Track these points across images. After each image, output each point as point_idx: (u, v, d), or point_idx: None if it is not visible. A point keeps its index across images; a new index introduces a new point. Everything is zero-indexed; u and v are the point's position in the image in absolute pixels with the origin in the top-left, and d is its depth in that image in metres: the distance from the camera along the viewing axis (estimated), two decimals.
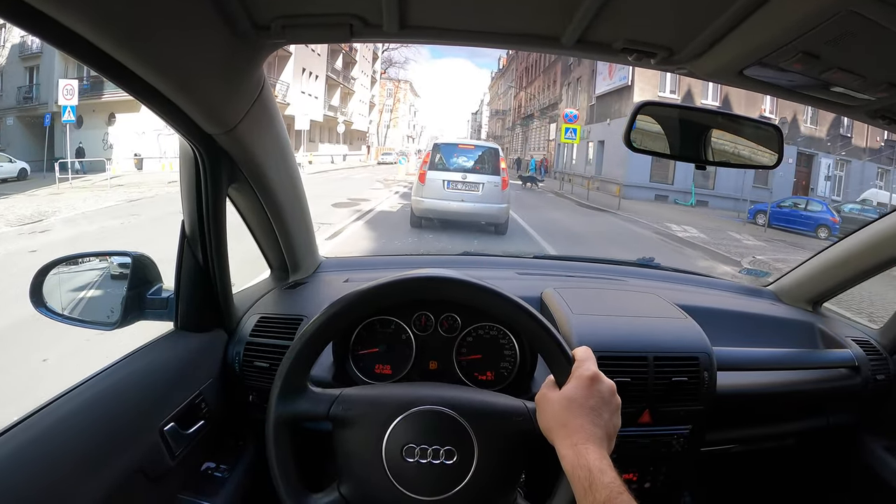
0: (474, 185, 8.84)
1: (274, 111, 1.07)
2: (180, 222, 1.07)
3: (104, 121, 23.21)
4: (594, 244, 10.20)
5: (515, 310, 0.80)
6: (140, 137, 22.30)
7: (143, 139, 22.19)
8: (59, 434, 0.78)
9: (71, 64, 23.20)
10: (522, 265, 1.79)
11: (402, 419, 0.78)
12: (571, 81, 31.11)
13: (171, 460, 0.93)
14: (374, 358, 1.12)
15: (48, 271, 1.07)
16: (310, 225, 1.45)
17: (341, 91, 38.65)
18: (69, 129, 18.59)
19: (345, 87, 39.53)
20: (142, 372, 0.98)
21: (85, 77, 22.68)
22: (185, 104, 0.86)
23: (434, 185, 8.86)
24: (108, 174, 15.70)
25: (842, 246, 1.51)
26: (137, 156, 21.50)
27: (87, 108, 22.72)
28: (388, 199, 14.56)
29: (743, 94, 18.51)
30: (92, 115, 23.08)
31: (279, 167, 1.18)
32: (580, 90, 29.09)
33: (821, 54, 0.70)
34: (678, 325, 1.24)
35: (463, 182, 8.86)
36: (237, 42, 0.82)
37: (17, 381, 3.16)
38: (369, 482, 0.78)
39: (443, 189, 8.81)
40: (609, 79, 23.26)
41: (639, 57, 0.84)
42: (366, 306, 0.83)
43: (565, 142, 20.45)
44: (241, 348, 1.18)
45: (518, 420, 0.79)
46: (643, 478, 1.20)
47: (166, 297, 1.11)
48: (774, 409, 1.38)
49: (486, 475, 0.77)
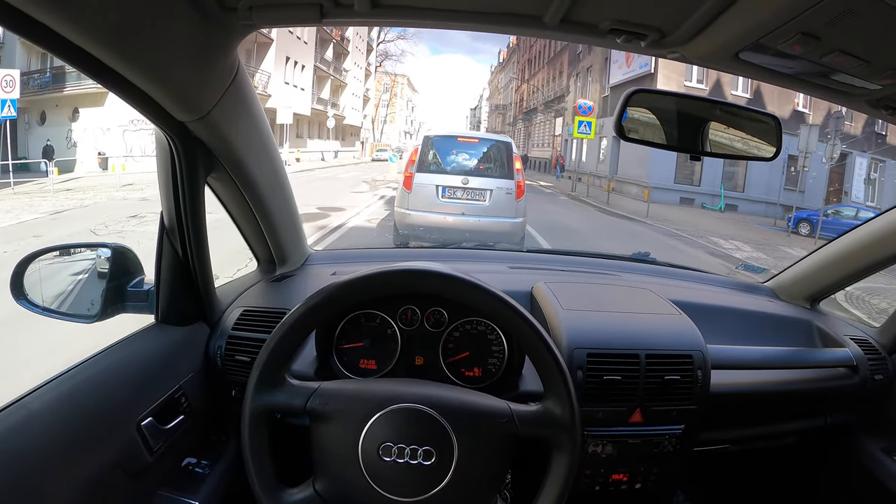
0: (479, 193, 6.25)
1: (251, 98, 1.04)
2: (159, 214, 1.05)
3: (68, 116, 21.69)
4: None
5: (501, 306, 0.80)
6: (105, 134, 20.73)
7: (109, 136, 20.54)
8: (33, 428, 0.77)
9: (35, 54, 21.67)
10: (515, 259, 1.79)
11: (380, 416, 0.76)
12: (580, 71, 28.90)
13: (150, 456, 0.93)
14: (358, 352, 1.09)
15: (29, 263, 1.05)
16: (296, 216, 1.42)
17: (332, 83, 36.10)
18: (14, 127, 17.13)
19: (336, 80, 36.96)
20: (119, 366, 0.97)
21: (48, 69, 21.20)
22: (155, 91, 0.83)
23: (424, 192, 6.25)
24: (52, 177, 13.65)
25: (841, 243, 1.49)
26: (102, 154, 19.65)
27: (50, 103, 21.49)
28: (369, 208, 11.83)
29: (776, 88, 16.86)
30: (55, 110, 21.71)
31: (259, 156, 1.14)
32: (591, 80, 26.91)
33: (821, 35, 0.67)
34: (672, 321, 1.22)
35: (464, 189, 6.25)
36: (206, 25, 0.79)
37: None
38: (345, 480, 0.77)
39: (436, 198, 6.25)
40: (626, 67, 20.98)
41: (627, 39, 0.80)
42: (349, 298, 0.82)
43: (578, 137, 18.26)
44: (224, 342, 1.16)
45: (501, 422, 0.78)
46: (634, 478, 1.17)
47: (147, 289, 1.10)
48: (770, 408, 1.35)
49: (466, 477, 0.76)
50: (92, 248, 1.15)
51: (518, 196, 6.31)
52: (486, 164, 6.53)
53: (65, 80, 20.72)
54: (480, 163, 6.53)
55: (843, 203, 17.24)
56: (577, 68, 29.70)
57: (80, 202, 11.39)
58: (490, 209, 6.27)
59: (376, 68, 53.99)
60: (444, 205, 6.26)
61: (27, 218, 9.23)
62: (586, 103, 18.37)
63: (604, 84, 24.20)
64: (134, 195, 12.69)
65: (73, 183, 15.28)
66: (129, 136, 21.00)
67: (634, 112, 1.01)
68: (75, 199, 11.92)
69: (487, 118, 77.46)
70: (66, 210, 10.21)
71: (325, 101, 34.57)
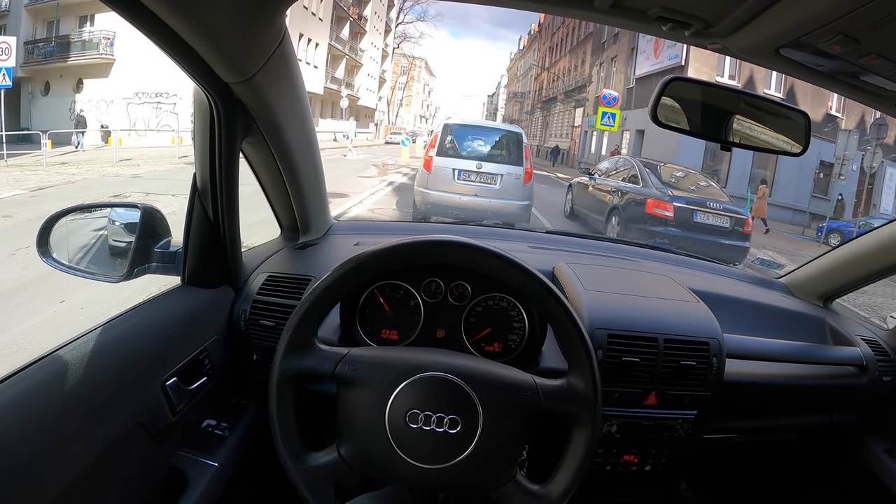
0: (491, 177, 6.98)
1: (294, 65, 1.05)
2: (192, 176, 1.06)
3: (72, 87, 21.43)
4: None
5: (532, 281, 0.80)
6: (109, 107, 20.36)
7: (113, 109, 20.04)
8: (60, 383, 0.78)
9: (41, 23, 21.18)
10: (535, 239, 1.77)
11: (408, 384, 0.77)
12: (604, 61, 27.61)
13: (172, 415, 0.93)
14: (381, 322, 1.09)
15: (55, 222, 1.04)
16: (323, 185, 1.43)
17: (347, 63, 35.22)
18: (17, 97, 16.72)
19: (351, 59, 36.01)
20: (146, 325, 0.97)
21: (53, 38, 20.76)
22: (204, 48, 0.83)
23: (442, 174, 6.99)
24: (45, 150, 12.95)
25: (858, 244, 1.49)
26: (105, 128, 19.04)
27: (55, 73, 21.15)
28: (375, 196, 10.77)
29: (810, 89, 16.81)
30: (59, 80, 21.31)
31: (295, 123, 1.15)
32: (615, 71, 25.60)
33: (861, 38, 0.68)
34: (690, 308, 1.22)
35: (477, 172, 6.98)
36: None
37: None
38: (370, 445, 0.77)
39: (453, 180, 6.99)
40: (654, 58, 19.80)
41: (673, 27, 0.80)
42: (381, 266, 0.82)
43: (601, 129, 17.44)
44: (248, 306, 1.17)
45: (526, 395, 0.78)
46: (644, 460, 1.18)
47: (174, 251, 1.10)
48: (779, 401, 1.35)
49: (489, 448, 0.77)
50: (120, 207, 1.13)
51: (526, 181, 7.00)
52: (498, 150, 7.20)
53: (69, 50, 20.44)
54: (493, 149, 7.21)
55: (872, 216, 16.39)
56: (600, 58, 28.37)
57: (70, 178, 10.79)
58: (500, 192, 6.93)
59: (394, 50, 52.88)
60: (459, 186, 6.94)
61: (6, 195, 8.65)
62: (611, 94, 17.45)
63: (629, 75, 22.98)
64: (128, 171, 12.08)
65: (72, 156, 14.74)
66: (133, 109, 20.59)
67: (669, 98, 1.01)
68: (67, 174, 11.36)
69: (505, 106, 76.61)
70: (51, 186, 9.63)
71: (340, 81, 33.73)
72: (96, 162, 13.47)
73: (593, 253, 1.64)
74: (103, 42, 20.33)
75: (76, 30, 20.85)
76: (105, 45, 20.35)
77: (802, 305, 1.57)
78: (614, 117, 16.31)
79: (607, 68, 27.06)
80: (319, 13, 28.15)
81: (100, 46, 20.34)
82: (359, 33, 38.16)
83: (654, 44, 19.63)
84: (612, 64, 26.33)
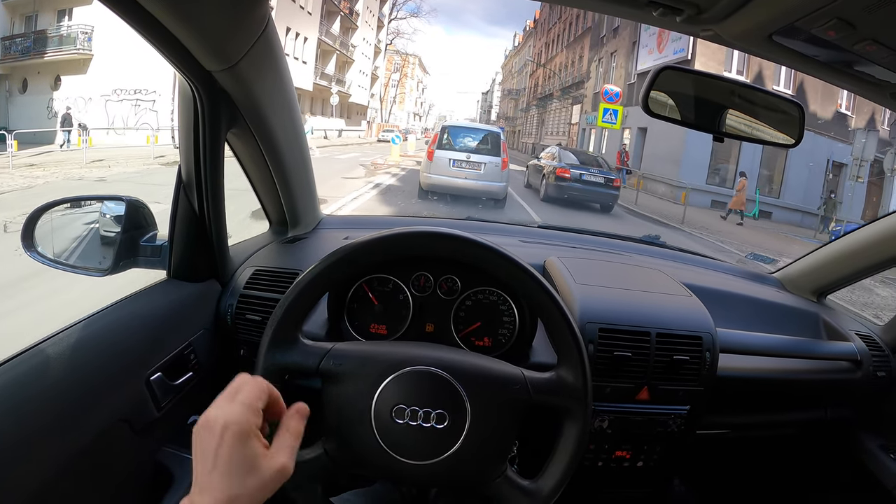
0: (477, 165, 9.46)
1: (279, 53, 1.02)
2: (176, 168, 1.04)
3: (49, 84, 20.64)
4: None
5: (520, 272, 0.79)
6: (87, 104, 19.56)
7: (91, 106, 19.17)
8: (41, 377, 0.77)
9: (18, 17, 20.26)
10: (526, 233, 1.78)
11: (394, 378, 0.75)
12: (603, 56, 26.85)
13: (157, 411, 0.93)
14: (369, 317, 1.07)
15: (41, 215, 1.02)
16: (311, 178, 1.42)
17: (338, 58, 34.27)
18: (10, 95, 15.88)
19: (342, 55, 35.05)
20: (130, 319, 0.96)
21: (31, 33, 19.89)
22: (185, 35, 0.81)
23: (441, 162, 9.49)
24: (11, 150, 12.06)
25: (851, 239, 1.49)
26: (82, 126, 18.05)
27: (32, 70, 20.34)
28: (357, 201, 9.58)
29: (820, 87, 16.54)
30: (37, 77, 20.45)
31: (281, 113, 1.13)
32: (615, 66, 24.85)
33: (857, 23, 0.66)
34: (683, 302, 1.21)
35: (467, 161, 9.46)
36: None
37: None
38: (356, 441, 0.76)
39: (449, 167, 9.45)
40: (658, 52, 19.04)
41: (664, 13, 0.77)
42: (366, 258, 0.81)
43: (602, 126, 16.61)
44: (235, 300, 1.15)
45: (515, 389, 0.77)
46: (636, 456, 1.17)
47: (160, 244, 1.08)
48: (773, 397, 1.35)
49: (477, 442, 0.75)
50: (105, 200, 1.11)
51: (503, 168, 9.52)
52: (483, 145, 9.70)
53: (46, 45, 19.55)
54: (479, 144, 9.71)
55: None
56: (599, 52, 27.61)
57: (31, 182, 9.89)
58: (484, 175, 9.45)
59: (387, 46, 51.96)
60: (453, 171, 9.41)
61: None
62: (613, 89, 16.70)
63: (630, 70, 22.29)
64: (94, 174, 11.18)
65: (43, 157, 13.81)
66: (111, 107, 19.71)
67: (661, 89, 0.99)
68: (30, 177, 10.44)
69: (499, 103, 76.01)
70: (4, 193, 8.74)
71: (330, 77, 32.81)
72: (66, 163, 12.58)
73: (585, 247, 1.64)
74: (81, 37, 19.46)
75: (54, 24, 19.94)
76: (83, 39, 19.46)
77: (796, 300, 1.57)
78: (616, 114, 15.56)
79: (607, 63, 26.31)
80: (308, 6, 27.21)
81: (77, 41, 19.47)
82: (350, 28, 37.21)
83: (658, 37, 18.88)
84: (611, 59, 25.59)
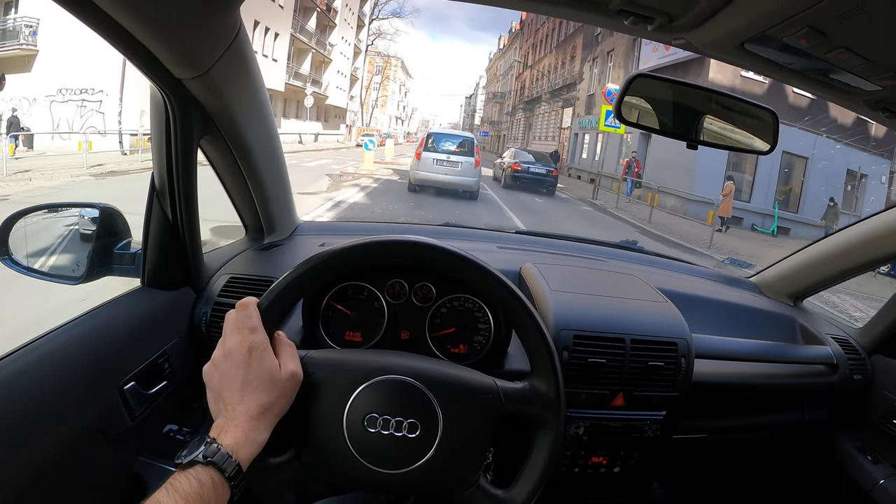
0: (455, 163, 12.11)
1: (250, 60, 1.02)
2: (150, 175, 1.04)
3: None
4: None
5: (492, 280, 0.79)
6: (31, 105, 17.21)
7: (35, 108, 17.19)
8: (14, 388, 0.77)
9: None
10: (503, 239, 1.78)
11: (367, 387, 0.74)
12: (599, 55, 25.24)
13: (131, 420, 0.93)
14: (344, 324, 1.06)
15: (15, 221, 1.02)
16: (287, 185, 1.42)
17: (313, 58, 32.17)
18: None
19: (318, 54, 32.97)
20: (103, 328, 0.96)
21: None
22: (154, 43, 0.81)
23: (427, 161, 12.11)
24: None
25: (827, 243, 1.50)
26: (26, 129, 16.09)
27: None
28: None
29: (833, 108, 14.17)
30: None
31: (255, 120, 1.13)
32: (613, 66, 23.27)
33: (828, 31, 0.66)
34: (658, 308, 1.21)
35: (447, 160, 12.08)
36: None
37: None
38: (328, 450, 0.75)
39: (433, 165, 12.07)
40: (664, 49, 17.32)
41: (635, 21, 0.77)
42: (340, 266, 0.80)
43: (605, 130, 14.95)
44: (209, 308, 1.15)
45: (487, 398, 0.77)
46: (613, 462, 1.17)
47: (134, 251, 1.08)
48: (750, 401, 1.36)
49: (450, 452, 0.75)
50: (79, 207, 1.10)
51: (476, 166, 12.33)
52: (460, 147, 12.46)
53: None
54: (457, 147, 12.45)
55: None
56: (593, 52, 26.03)
57: None
58: (461, 172, 12.18)
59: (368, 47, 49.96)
60: (437, 168, 12.13)
61: None
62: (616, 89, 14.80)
63: (630, 70, 20.61)
64: (11, 189, 8.88)
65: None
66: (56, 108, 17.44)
67: (635, 96, 0.99)
68: None
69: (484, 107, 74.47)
70: None
71: (305, 77, 30.65)
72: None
73: (562, 253, 1.65)
74: (25, 31, 17.12)
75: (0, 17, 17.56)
76: (27, 34, 17.14)
77: (772, 304, 1.57)
78: None
79: (602, 63, 24.69)
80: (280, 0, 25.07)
81: (21, 35, 17.12)
82: (328, 26, 35.15)
83: None
84: (608, 59, 23.98)
